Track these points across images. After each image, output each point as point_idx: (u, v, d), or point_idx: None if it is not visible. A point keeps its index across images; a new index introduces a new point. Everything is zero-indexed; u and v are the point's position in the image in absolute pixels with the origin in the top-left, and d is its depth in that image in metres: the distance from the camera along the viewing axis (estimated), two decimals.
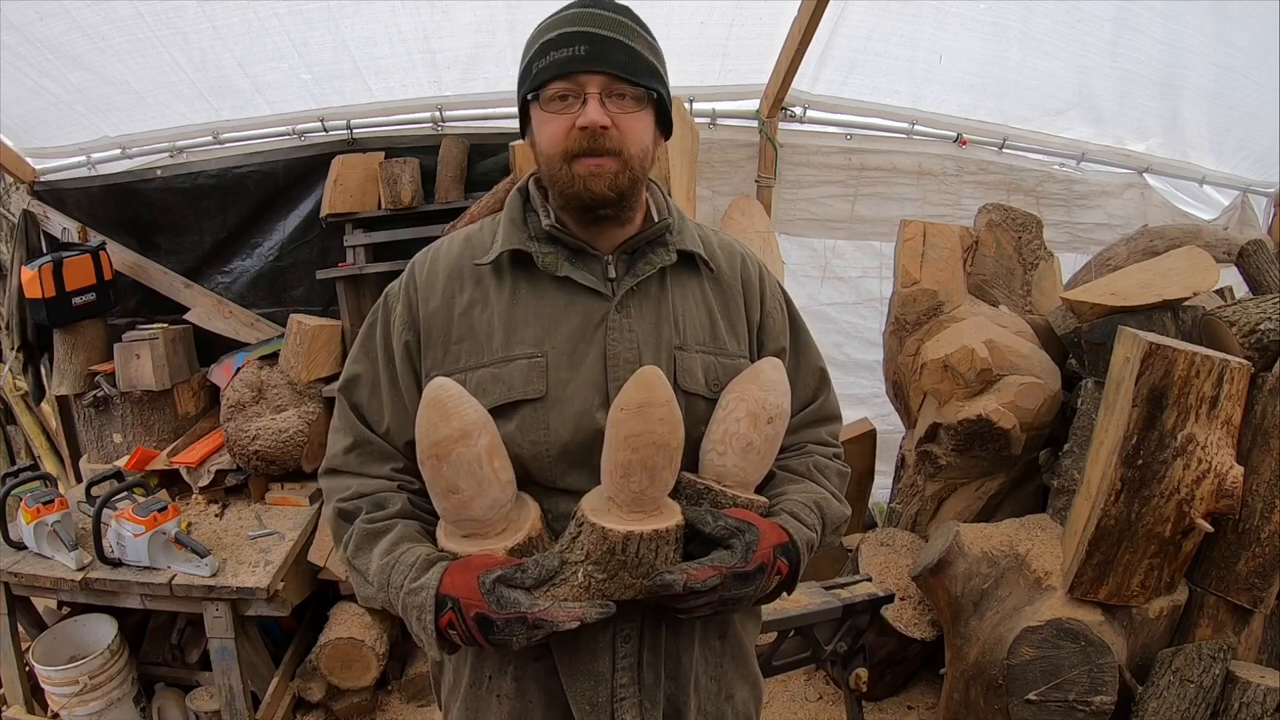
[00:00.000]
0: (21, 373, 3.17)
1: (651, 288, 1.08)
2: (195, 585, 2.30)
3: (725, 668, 1.16)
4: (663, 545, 0.95)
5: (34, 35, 2.58)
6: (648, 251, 1.09)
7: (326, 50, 2.75)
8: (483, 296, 1.07)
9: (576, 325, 1.04)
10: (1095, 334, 2.30)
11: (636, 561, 0.93)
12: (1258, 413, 1.97)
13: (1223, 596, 2.03)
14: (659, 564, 0.94)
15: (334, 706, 2.64)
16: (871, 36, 2.92)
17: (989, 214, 2.82)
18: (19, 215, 3.08)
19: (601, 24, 1.00)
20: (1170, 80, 3.16)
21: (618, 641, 1.04)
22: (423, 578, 0.95)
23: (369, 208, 2.92)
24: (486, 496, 0.96)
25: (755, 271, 1.19)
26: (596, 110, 0.97)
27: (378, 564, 1.01)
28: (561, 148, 0.99)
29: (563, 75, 0.98)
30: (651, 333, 1.06)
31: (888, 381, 2.86)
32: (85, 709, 2.41)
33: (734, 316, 1.14)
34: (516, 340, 1.04)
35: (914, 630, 2.48)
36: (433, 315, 1.07)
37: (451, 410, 0.94)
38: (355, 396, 1.12)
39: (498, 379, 1.02)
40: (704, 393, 1.07)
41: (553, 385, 1.02)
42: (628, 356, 1.04)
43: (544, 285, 1.06)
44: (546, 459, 1.03)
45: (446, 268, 1.10)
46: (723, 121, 3.18)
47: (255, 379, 2.72)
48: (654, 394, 0.92)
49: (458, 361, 1.05)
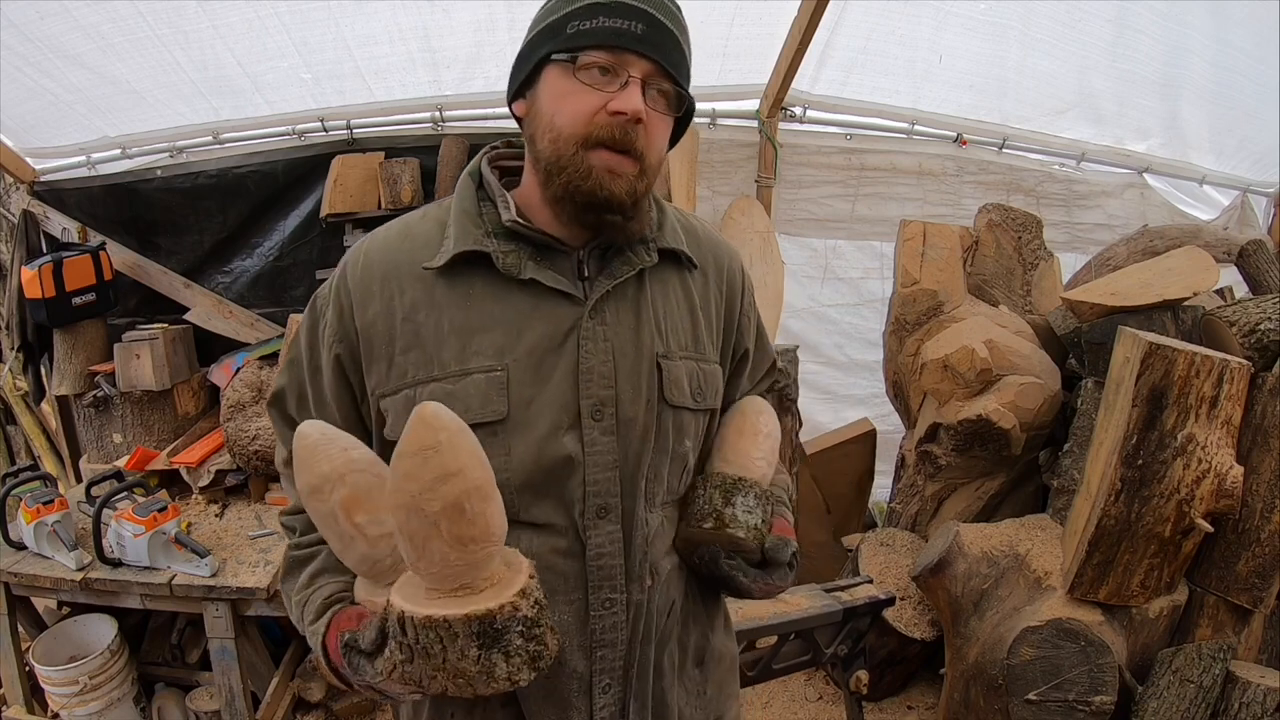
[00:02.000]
0: (21, 373, 3.17)
1: (629, 288, 0.95)
2: (195, 585, 2.30)
3: (709, 693, 1.09)
4: (448, 637, 0.71)
5: (34, 35, 2.57)
6: (625, 249, 0.95)
7: (326, 50, 2.75)
8: (428, 298, 0.91)
9: (543, 333, 0.90)
10: (1095, 334, 2.30)
11: (424, 651, 0.72)
12: (1258, 413, 1.97)
13: (1223, 596, 2.03)
14: (452, 660, 0.72)
15: (334, 706, 2.64)
16: (871, 36, 2.92)
17: (989, 214, 2.82)
18: (19, 215, 3.07)
19: (662, 10, 0.87)
20: (1170, 80, 3.17)
21: (595, 692, 0.94)
22: (316, 623, 0.89)
23: (369, 208, 2.92)
24: (353, 552, 0.84)
25: (739, 273, 1.10)
26: (639, 97, 0.85)
27: (295, 598, 0.95)
28: (583, 131, 0.85)
29: (609, 46, 0.84)
30: (630, 341, 0.93)
31: (888, 381, 2.86)
32: (85, 709, 2.40)
33: (712, 317, 1.03)
34: (473, 350, 0.89)
35: (914, 630, 2.48)
36: (370, 325, 0.91)
37: (304, 462, 0.82)
38: (285, 409, 1.02)
39: (452, 396, 0.87)
40: (690, 405, 0.97)
41: (515, 404, 0.88)
42: (602, 370, 0.90)
43: (504, 287, 0.91)
44: (508, 490, 0.88)
45: (383, 269, 0.93)
46: (723, 121, 3.18)
47: (255, 379, 2.72)
48: (408, 441, 0.70)
49: (404, 375, 0.90)
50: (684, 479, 1.02)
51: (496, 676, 0.73)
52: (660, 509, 0.99)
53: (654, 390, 0.94)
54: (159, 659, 2.69)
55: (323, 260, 3.02)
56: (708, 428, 1.05)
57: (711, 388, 1.02)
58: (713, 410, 1.04)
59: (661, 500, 0.98)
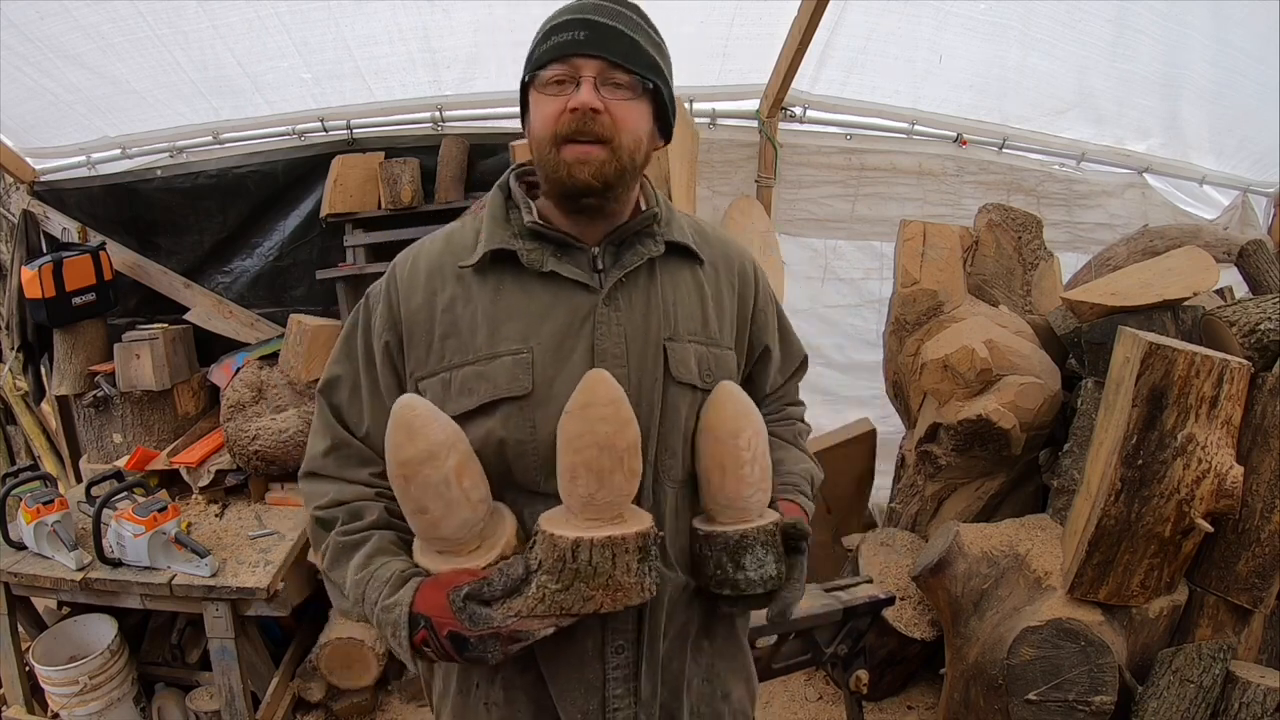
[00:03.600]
0: (21, 373, 3.17)
1: (640, 278, 1.06)
2: (195, 585, 2.30)
3: (717, 667, 1.15)
4: (620, 553, 0.89)
5: (34, 35, 2.57)
6: (635, 243, 1.06)
7: (326, 50, 2.75)
8: (465, 293, 1.04)
9: (563, 320, 1.02)
10: (1095, 334, 2.30)
11: (591, 571, 0.88)
12: (1258, 413, 1.97)
13: (1223, 596, 2.03)
14: (618, 575, 0.88)
15: (334, 706, 2.64)
16: (871, 37, 2.92)
17: (989, 214, 2.82)
18: (19, 215, 3.08)
19: (605, 14, 0.99)
20: (1170, 80, 3.16)
21: (608, 652, 1.02)
22: (396, 594, 0.94)
23: (369, 208, 2.92)
24: (456, 517, 0.93)
25: (751, 269, 1.19)
26: (589, 92, 0.96)
27: (353, 578, 1.00)
28: (551, 131, 0.98)
29: (559, 58, 0.97)
30: (640, 325, 1.04)
31: (888, 382, 2.86)
32: (85, 709, 2.40)
33: (725, 309, 1.13)
34: (501, 336, 1.01)
35: (914, 630, 2.48)
36: (414, 313, 1.05)
37: (418, 431, 0.91)
38: (335, 398, 1.10)
39: (482, 376, 1.00)
40: (698, 383, 1.05)
41: (539, 382, 0.99)
42: (615, 351, 1.01)
43: (529, 281, 1.03)
44: (532, 459, 1.00)
45: (428, 266, 1.07)
46: (723, 121, 3.18)
47: (255, 379, 2.72)
48: (597, 394, 0.89)
49: (442, 359, 1.03)
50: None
51: (646, 586, 0.91)
52: (673, 486, 1.06)
53: (660, 369, 1.03)
54: (159, 659, 2.69)
55: (323, 260, 3.02)
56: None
57: (723, 370, 1.10)
58: None
59: (679, 477, 1.06)
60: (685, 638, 1.10)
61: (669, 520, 1.05)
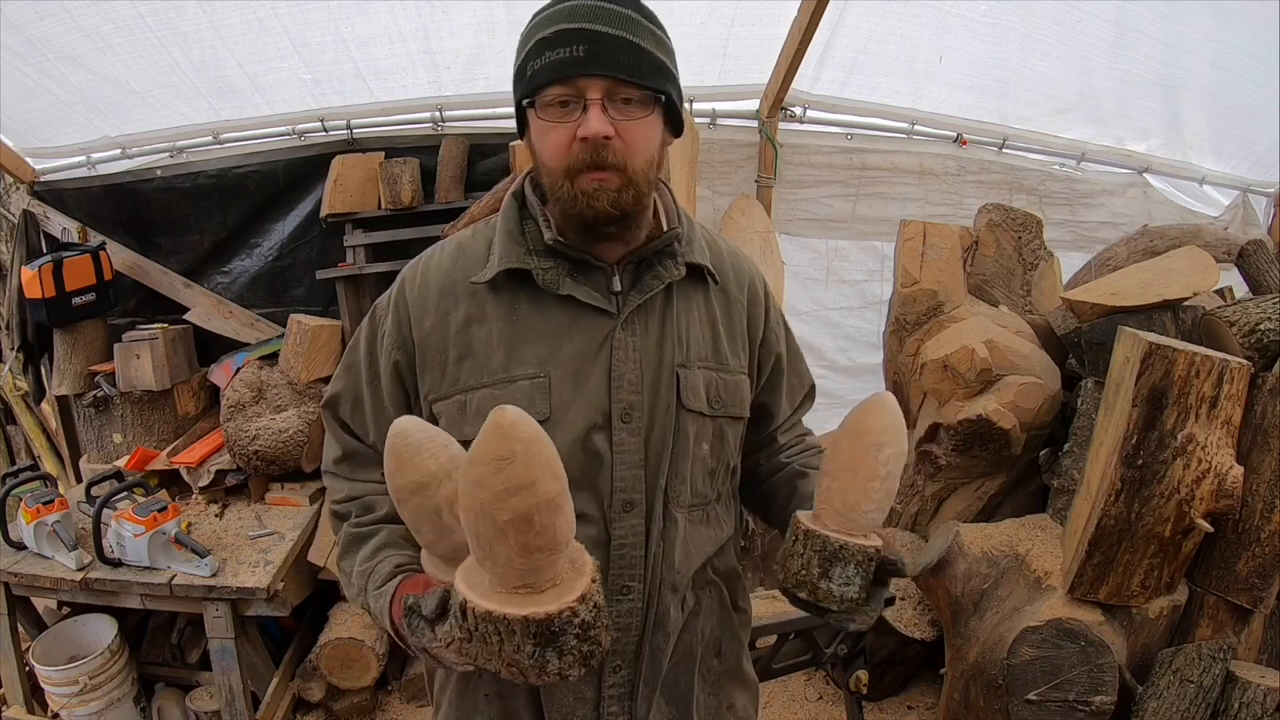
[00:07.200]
0: (21, 373, 3.17)
1: (657, 302, 1.03)
2: (195, 585, 2.30)
3: (723, 682, 1.17)
4: (507, 634, 0.74)
5: (34, 35, 2.57)
6: (655, 264, 1.02)
7: (326, 50, 2.75)
8: (480, 312, 1.01)
9: (581, 345, 0.99)
10: (1095, 334, 2.30)
11: (482, 638, 0.76)
12: (1258, 413, 1.97)
13: (1223, 596, 2.03)
14: (508, 651, 0.75)
15: (334, 706, 2.64)
16: (871, 37, 2.92)
17: (989, 214, 2.82)
18: (19, 215, 3.08)
19: (602, 19, 0.90)
20: (1170, 81, 3.16)
21: (606, 671, 1.03)
22: (384, 587, 0.96)
23: (369, 208, 2.92)
24: (447, 542, 0.88)
25: (761, 287, 1.17)
26: (599, 120, 0.90)
27: (358, 569, 1.02)
28: (564, 164, 0.92)
29: (560, 79, 0.90)
30: (654, 351, 1.02)
31: (888, 382, 2.86)
32: (85, 709, 2.41)
33: (736, 330, 1.11)
34: (518, 360, 0.99)
35: (914, 630, 2.48)
36: (426, 335, 1.02)
37: (407, 462, 0.86)
38: (339, 413, 1.11)
39: (500, 400, 0.93)
40: (705, 410, 1.04)
41: (555, 407, 0.98)
42: (631, 378, 1.00)
43: (545, 301, 1.00)
44: None
45: (439, 284, 1.03)
46: (723, 122, 3.18)
47: (255, 379, 2.72)
48: (485, 448, 0.72)
49: (457, 382, 1.00)
50: (713, 482, 1.08)
51: (548, 671, 0.75)
52: (687, 510, 1.05)
53: (673, 395, 1.02)
54: (159, 659, 2.70)
55: (322, 260, 3.02)
56: (741, 436, 1.12)
57: (734, 396, 1.08)
58: (739, 418, 1.10)
59: (688, 502, 1.05)
60: (693, 657, 1.10)
61: (679, 546, 1.04)
